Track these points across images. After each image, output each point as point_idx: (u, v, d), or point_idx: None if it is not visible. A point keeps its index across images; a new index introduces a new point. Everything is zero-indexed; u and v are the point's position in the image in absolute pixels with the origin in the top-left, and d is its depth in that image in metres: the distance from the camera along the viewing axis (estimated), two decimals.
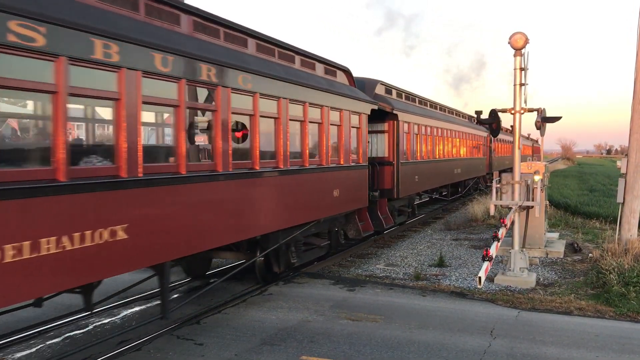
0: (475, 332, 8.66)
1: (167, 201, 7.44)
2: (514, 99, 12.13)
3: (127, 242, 6.64)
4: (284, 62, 10.99)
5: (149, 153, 7.52)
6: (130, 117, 6.72)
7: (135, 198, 6.87)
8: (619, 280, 11.03)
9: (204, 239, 8.26)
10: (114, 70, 6.50)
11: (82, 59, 6.04)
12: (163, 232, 7.33)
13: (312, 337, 8.33)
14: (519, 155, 12.45)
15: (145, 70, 6.93)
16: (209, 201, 8.32)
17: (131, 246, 6.71)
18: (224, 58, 8.67)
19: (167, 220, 7.42)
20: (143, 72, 6.88)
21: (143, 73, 6.88)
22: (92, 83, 6.41)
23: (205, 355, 7.61)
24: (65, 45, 5.80)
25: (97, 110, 9.39)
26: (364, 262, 14.20)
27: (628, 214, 13.63)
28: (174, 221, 7.55)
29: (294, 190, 10.86)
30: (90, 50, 6.14)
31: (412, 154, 18.35)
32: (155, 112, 10.03)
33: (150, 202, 7.14)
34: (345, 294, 10.91)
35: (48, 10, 5.67)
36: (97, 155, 7.11)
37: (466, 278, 12.35)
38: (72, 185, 5.93)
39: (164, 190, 7.39)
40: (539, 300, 10.55)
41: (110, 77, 6.52)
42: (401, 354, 7.71)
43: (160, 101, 7.53)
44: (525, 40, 11.75)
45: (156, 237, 7.20)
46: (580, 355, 7.75)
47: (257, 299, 10.41)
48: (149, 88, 7.02)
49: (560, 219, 21.37)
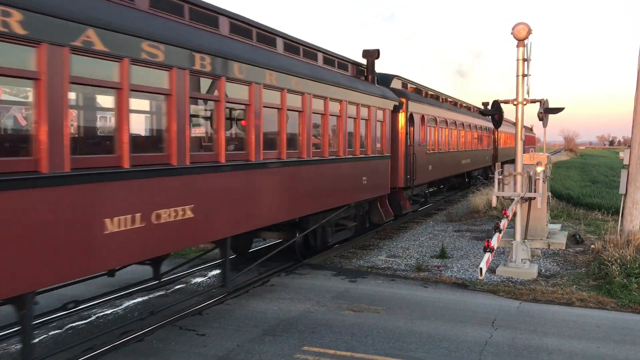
0: (477, 323, 8.68)
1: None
2: (517, 89, 12.08)
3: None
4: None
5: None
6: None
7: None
8: (620, 271, 11.03)
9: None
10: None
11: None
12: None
13: (314, 327, 8.36)
14: (521, 147, 12.42)
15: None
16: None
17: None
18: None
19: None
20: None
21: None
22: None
23: (207, 346, 7.64)
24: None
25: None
26: (366, 254, 14.22)
27: (630, 206, 13.61)
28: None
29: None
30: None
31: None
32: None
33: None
34: (347, 285, 10.94)
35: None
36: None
37: (468, 269, 12.37)
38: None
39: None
40: (540, 291, 10.56)
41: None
42: (402, 344, 7.73)
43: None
44: (528, 31, 11.68)
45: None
46: (582, 346, 7.77)
47: (259, 290, 10.44)
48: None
49: (562, 210, 21.35)
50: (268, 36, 10.28)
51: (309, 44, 11.80)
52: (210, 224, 8.25)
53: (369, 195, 14.59)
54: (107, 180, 6.37)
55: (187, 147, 7.55)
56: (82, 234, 6.07)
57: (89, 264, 6.25)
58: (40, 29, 5.42)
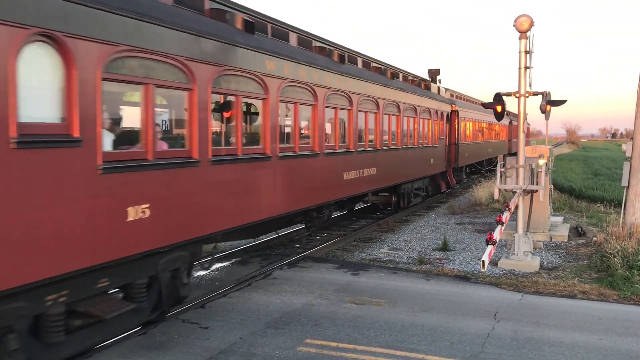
0: (479, 315, 8.69)
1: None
2: (519, 82, 12.04)
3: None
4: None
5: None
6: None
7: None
8: (623, 263, 11.03)
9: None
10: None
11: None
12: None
13: (317, 320, 8.38)
14: (523, 139, 12.40)
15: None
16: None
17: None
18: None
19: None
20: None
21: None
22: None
23: (210, 339, 7.67)
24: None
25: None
26: (368, 247, 14.23)
27: (633, 198, 13.59)
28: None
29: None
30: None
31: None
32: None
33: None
34: (349, 278, 10.96)
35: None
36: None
37: (470, 262, 12.37)
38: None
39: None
40: (542, 283, 10.57)
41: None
42: (405, 337, 7.75)
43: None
44: (531, 22, 11.62)
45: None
46: (584, 339, 7.78)
47: (262, 283, 10.46)
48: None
49: (564, 202, 21.33)
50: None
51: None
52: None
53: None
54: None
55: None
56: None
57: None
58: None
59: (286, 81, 10.20)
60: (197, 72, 7.74)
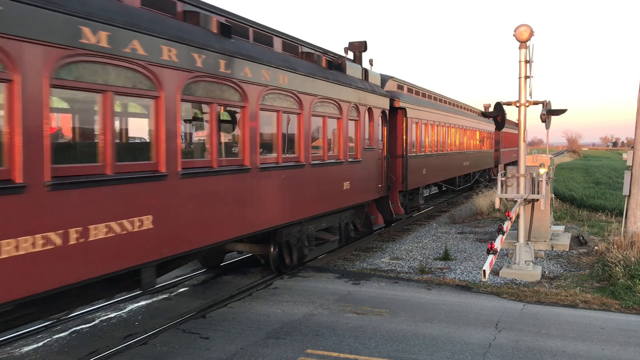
0: (481, 325, 8.67)
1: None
2: (519, 91, 12.07)
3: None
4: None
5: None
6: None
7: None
8: (624, 273, 11.00)
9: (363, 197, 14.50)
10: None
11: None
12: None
13: (318, 330, 8.36)
14: (524, 148, 12.41)
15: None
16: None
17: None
18: None
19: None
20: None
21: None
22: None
23: (211, 349, 7.65)
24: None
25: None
26: (369, 256, 14.21)
27: (634, 207, 13.58)
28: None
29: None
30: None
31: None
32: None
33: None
34: (350, 287, 10.93)
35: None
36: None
37: (471, 271, 12.35)
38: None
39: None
40: (544, 293, 10.53)
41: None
42: (406, 347, 7.72)
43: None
44: (530, 32, 11.67)
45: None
46: (586, 348, 7.75)
47: (263, 293, 10.44)
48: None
49: (565, 212, 21.31)
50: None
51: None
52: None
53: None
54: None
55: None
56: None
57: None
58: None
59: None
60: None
